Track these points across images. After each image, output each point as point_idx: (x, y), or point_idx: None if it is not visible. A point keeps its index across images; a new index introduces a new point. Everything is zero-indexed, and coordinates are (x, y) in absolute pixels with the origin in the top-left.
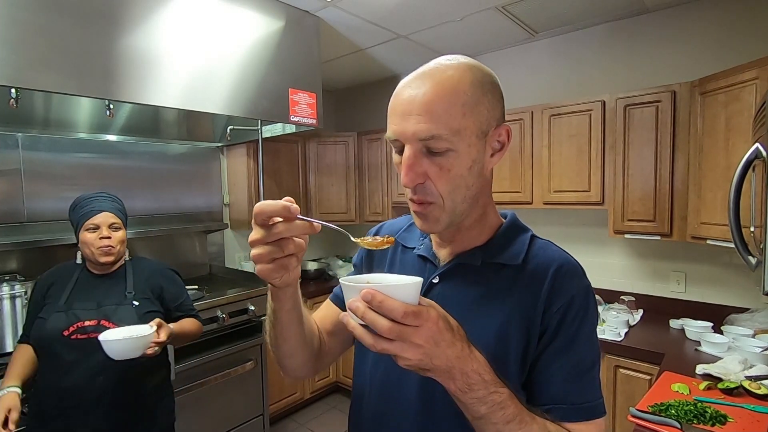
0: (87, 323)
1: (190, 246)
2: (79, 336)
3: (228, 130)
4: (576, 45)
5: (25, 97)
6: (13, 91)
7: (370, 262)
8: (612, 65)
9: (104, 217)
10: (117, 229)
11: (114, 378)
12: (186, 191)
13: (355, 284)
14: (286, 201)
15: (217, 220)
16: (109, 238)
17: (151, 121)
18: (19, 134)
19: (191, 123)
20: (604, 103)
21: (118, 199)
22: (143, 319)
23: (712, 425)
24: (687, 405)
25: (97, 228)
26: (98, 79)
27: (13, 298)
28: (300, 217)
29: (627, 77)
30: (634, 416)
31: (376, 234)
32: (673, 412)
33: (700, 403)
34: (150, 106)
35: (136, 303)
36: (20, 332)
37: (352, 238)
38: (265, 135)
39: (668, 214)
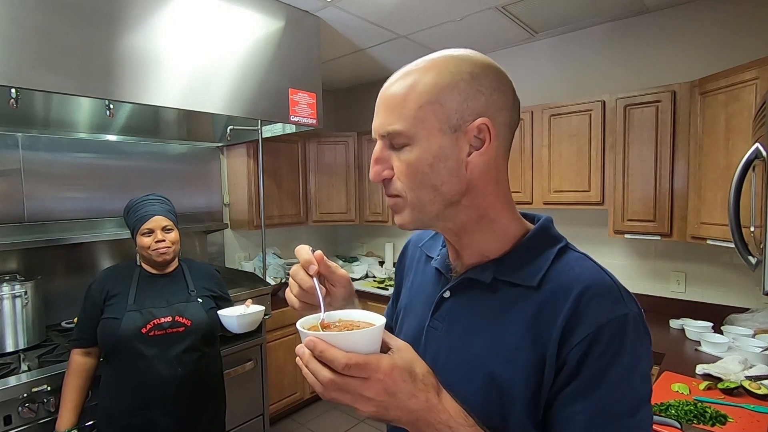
0: (163, 320)
1: (190, 246)
2: (157, 332)
3: (228, 130)
4: (576, 45)
5: (25, 97)
6: (13, 91)
7: (401, 269)
8: (612, 65)
9: (157, 221)
10: (170, 230)
11: (190, 368)
12: (186, 191)
13: (302, 330)
14: (316, 256)
15: (217, 220)
16: (163, 240)
17: (151, 121)
18: (19, 134)
19: (191, 123)
20: (604, 103)
21: (166, 199)
22: (209, 314)
23: (712, 425)
24: (687, 405)
25: (151, 232)
26: (98, 79)
27: (13, 298)
28: (315, 279)
29: (627, 77)
30: None
31: (405, 248)
32: (673, 412)
33: (700, 403)
34: (150, 106)
35: (200, 300)
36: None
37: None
38: (265, 135)
39: (668, 214)
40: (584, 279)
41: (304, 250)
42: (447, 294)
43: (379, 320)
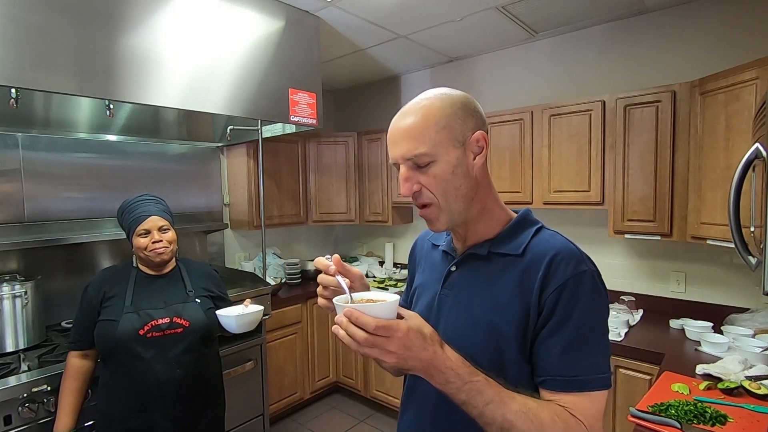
0: (161, 321)
1: (190, 246)
2: (155, 334)
3: (228, 130)
4: (576, 45)
5: (25, 97)
6: (13, 91)
7: (413, 261)
8: (612, 65)
9: (153, 222)
10: (166, 230)
11: (189, 369)
12: (186, 191)
13: (340, 304)
14: (333, 259)
15: (217, 220)
16: (160, 240)
17: (151, 121)
18: (19, 134)
19: (191, 123)
20: (604, 103)
21: (161, 199)
22: (207, 315)
23: (712, 425)
24: (687, 405)
25: (148, 233)
26: (98, 79)
27: (13, 298)
28: (338, 277)
29: (627, 77)
30: (634, 416)
31: (414, 244)
32: (673, 412)
33: (700, 403)
34: (150, 106)
35: (198, 300)
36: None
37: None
38: (265, 135)
39: (668, 214)
40: (555, 247)
41: (321, 260)
42: (453, 268)
43: (393, 297)
